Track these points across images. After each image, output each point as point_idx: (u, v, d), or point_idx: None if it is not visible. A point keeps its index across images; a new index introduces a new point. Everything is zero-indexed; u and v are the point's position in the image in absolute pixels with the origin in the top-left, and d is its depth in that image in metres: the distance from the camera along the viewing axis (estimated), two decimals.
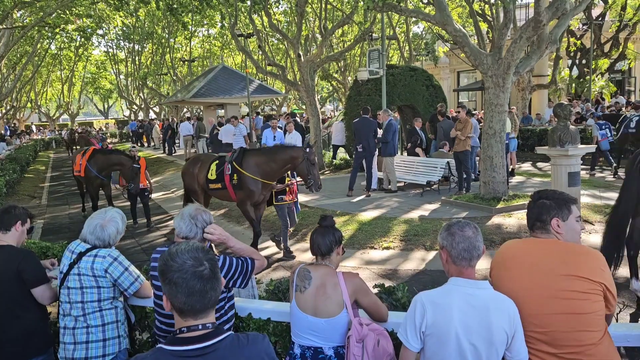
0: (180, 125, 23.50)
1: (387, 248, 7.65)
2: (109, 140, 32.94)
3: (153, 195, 13.73)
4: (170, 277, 1.66)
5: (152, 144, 30.64)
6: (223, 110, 24.72)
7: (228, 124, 15.84)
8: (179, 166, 19.46)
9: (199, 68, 38.39)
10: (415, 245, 7.61)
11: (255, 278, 3.52)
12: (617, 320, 4.23)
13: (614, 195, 9.87)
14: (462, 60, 20.35)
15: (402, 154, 14.74)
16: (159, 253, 2.85)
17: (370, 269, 6.90)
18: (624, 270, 6.28)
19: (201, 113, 27.23)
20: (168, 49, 34.67)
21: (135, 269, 3.11)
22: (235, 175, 7.43)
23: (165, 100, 31.80)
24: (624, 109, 18.30)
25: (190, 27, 27.85)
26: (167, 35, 33.46)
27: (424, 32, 32.31)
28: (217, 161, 7.87)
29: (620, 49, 23.72)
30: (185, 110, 37.76)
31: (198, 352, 1.60)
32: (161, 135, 27.25)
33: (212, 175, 7.77)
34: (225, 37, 33.21)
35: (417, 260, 7.11)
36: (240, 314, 3.06)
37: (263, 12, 17.26)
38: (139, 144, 32.44)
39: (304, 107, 23.97)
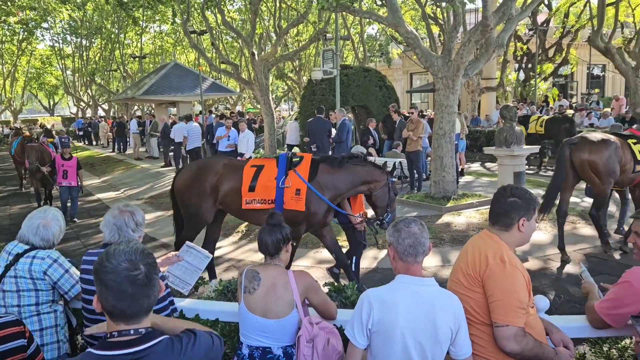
0: (130, 122, 22.90)
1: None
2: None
3: (100, 196, 13.34)
4: (103, 278, 1.60)
5: (101, 142, 29.67)
6: (175, 109, 24.23)
7: (180, 122, 15.55)
8: (129, 165, 18.96)
9: (151, 65, 37.44)
10: (368, 244, 7.67)
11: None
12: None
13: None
14: (414, 62, 20.75)
15: None
16: (91, 255, 2.76)
17: (323, 268, 6.91)
18: (564, 266, 6.57)
19: (153, 111, 26.60)
20: (118, 45, 33.66)
21: (76, 271, 2.99)
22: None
23: (115, 98, 30.86)
24: (567, 111, 19.17)
25: (141, 22, 27.14)
26: (116, 31, 32.48)
27: (378, 34, 32.76)
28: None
29: (564, 54, 24.79)
30: (135, 108, 36.77)
31: (129, 356, 1.56)
32: (109, 134, 26.47)
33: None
34: (178, 33, 32.56)
35: (369, 259, 7.18)
36: (188, 315, 3.01)
37: (216, 9, 17.01)
38: (86, 143, 31.36)
39: (258, 106, 23.82)
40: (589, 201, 9.72)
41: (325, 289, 3.74)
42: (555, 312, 4.53)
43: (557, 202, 6.87)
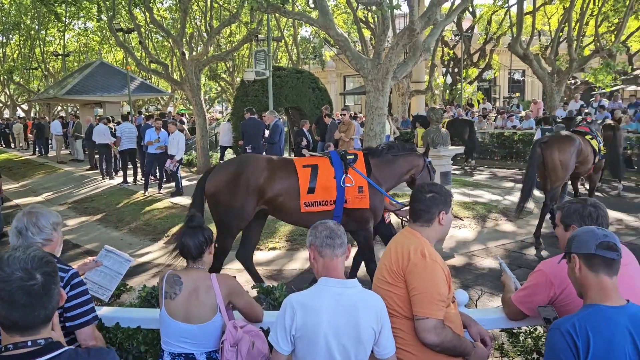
0: (51, 124, 21.70)
1: (273, 249, 7.66)
2: None
3: (19, 201, 12.53)
4: None
5: (20, 144, 27.92)
6: (102, 109, 23.23)
7: (101, 123, 14.92)
8: (51, 168, 17.99)
9: (75, 63, 35.64)
10: (301, 245, 7.69)
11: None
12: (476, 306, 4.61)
13: (483, 193, 10.84)
14: (348, 65, 21.11)
15: (290, 155, 14.87)
16: None
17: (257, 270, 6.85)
18: (486, 262, 6.89)
19: (78, 112, 25.32)
20: (38, 42, 31.77)
21: None
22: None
23: (35, 97, 29.14)
24: (490, 114, 20.14)
25: (64, 18, 25.77)
26: (37, 27, 30.64)
27: (311, 36, 32.97)
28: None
29: (487, 60, 26.04)
30: (59, 108, 34.88)
31: None
32: (30, 135, 24.98)
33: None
34: (104, 31, 31.20)
35: (302, 260, 7.19)
36: (107, 324, 2.88)
37: (144, 7, 16.47)
38: (3, 145, 29.42)
39: (191, 107, 23.28)
40: (511, 199, 10.28)
41: (254, 291, 3.71)
42: (475, 306, 4.74)
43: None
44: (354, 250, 6.82)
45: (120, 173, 14.27)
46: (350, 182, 4.98)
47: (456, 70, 25.58)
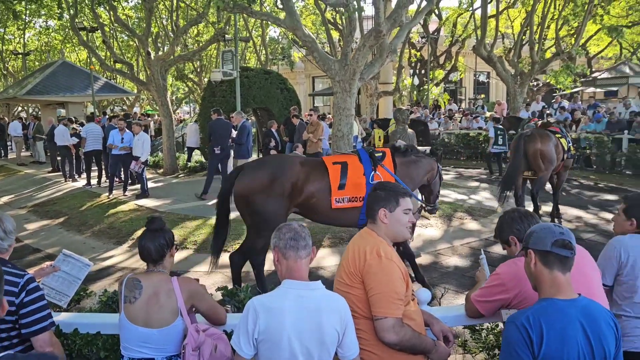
0: (10, 125, 21.01)
1: None
2: None
3: None
4: None
5: None
6: (65, 110, 22.62)
7: (61, 124, 14.54)
8: (11, 170, 17.45)
9: (36, 63, 34.61)
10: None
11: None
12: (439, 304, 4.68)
13: (449, 192, 11.01)
14: (316, 66, 21.13)
15: (258, 156, 14.80)
16: None
17: (223, 273, 6.78)
18: (452, 260, 6.99)
19: (39, 112, 24.59)
20: None
21: None
22: None
23: None
24: (456, 115, 20.50)
25: (24, 16, 25.00)
26: None
27: (280, 37, 32.87)
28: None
29: (453, 62, 26.49)
30: (19, 109, 33.80)
31: None
32: None
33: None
34: (67, 29, 30.40)
35: (269, 262, 7.07)
36: (65, 330, 2.80)
37: (108, 6, 16.13)
38: None
39: (157, 107, 22.89)
40: (476, 198, 10.48)
41: (219, 294, 3.67)
42: (439, 303, 4.81)
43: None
44: (323, 252, 6.84)
45: (84, 175, 13.93)
46: (379, 179, 5.01)
47: (423, 71, 25.94)
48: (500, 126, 13.61)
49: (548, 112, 16.79)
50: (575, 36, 19.77)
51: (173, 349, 2.50)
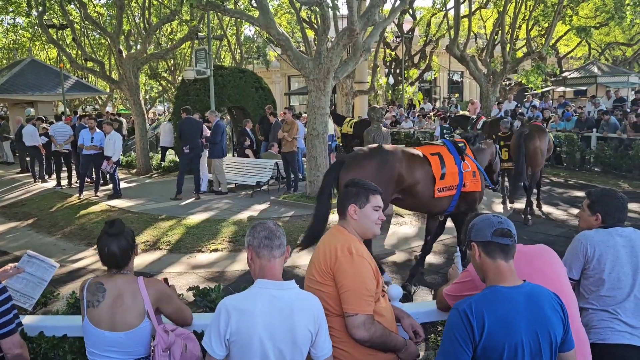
0: None
1: (215, 250, 7.53)
2: None
3: None
4: None
5: None
6: (34, 109, 22.09)
7: (29, 124, 14.21)
8: None
9: (4, 61, 33.73)
10: (244, 246, 7.58)
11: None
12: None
13: None
14: (291, 65, 21.10)
15: (233, 156, 14.71)
16: None
17: (197, 273, 6.72)
18: (426, 258, 7.05)
19: (7, 112, 23.94)
20: None
21: None
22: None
23: None
24: (430, 114, 20.68)
25: None
26: None
27: (255, 36, 32.69)
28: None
29: (427, 61, 26.74)
30: None
31: None
32: None
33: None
34: (36, 27, 29.64)
35: (244, 261, 7.07)
36: (30, 333, 2.72)
37: (78, 3, 15.79)
38: None
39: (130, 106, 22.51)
40: None
41: (190, 294, 3.63)
42: (411, 300, 4.85)
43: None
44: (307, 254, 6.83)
45: (54, 176, 13.62)
46: (467, 167, 5.49)
47: (398, 71, 26.12)
48: (447, 125, 14.61)
49: (520, 110, 17.06)
50: (545, 36, 20.15)
51: (141, 351, 2.45)
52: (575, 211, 9.16)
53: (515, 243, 2.19)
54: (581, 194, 10.75)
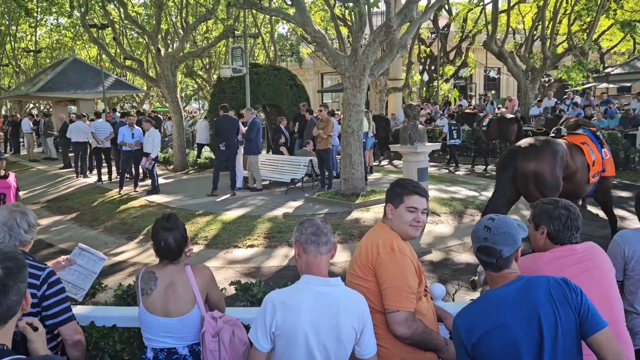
0: (22, 121, 21.24)
1: (251, 246, 7.62)
2: None
3: None
4: None
5: None
6: (75, 107, 22.80)
7: (79, 120, 14.66)
8: (23, 167, 17.64)
9: (47, 60, 34.87)
10: (279, 242, 7.68)
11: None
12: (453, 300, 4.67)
13: (459, 189, 10.98)
14: (325, 63, 21.08)
15: (268, 153, 14.83)
16: None
17: (234, 268, 6.83)
18: (463, 257, 6.97)
19: (50, 109, 24.78)
20: (9, 38, 30.98)
21: None
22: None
23: (6, 94, 28.43)
24: (466, 111, 20.35)
25: (35, 14, 25.21)
26: (7, 22, 29.87)
27: (289, 33, 32.86)
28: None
29: (463, 57, 26.31)
30: (31, 106, 34.09)
31: None
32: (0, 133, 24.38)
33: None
34: (78, 27, 30.57)
35: (280, 257, 7.18)
36: (81, 323, 2.82)
37: (118, 3, 16.20)
38: None
39: (167, 104, 22.98)
40: (487, 195, 10.42)
41: (232, 288, 3.69)
42: (452, 299, 4.80)
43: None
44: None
45: (95, 172, 14.03)
46: (607, 155, 6.23)
47: (432, 67, 25.78)
48: (454, 122, 14.92)
49: (561, 108, 16.60)
50: (587, 31, 19.57)
51: (193, 337, 2.54)
52: (620, 212, 8.87)
53: (502, 257, 2.08)
54: (625, 194, 10.40)
